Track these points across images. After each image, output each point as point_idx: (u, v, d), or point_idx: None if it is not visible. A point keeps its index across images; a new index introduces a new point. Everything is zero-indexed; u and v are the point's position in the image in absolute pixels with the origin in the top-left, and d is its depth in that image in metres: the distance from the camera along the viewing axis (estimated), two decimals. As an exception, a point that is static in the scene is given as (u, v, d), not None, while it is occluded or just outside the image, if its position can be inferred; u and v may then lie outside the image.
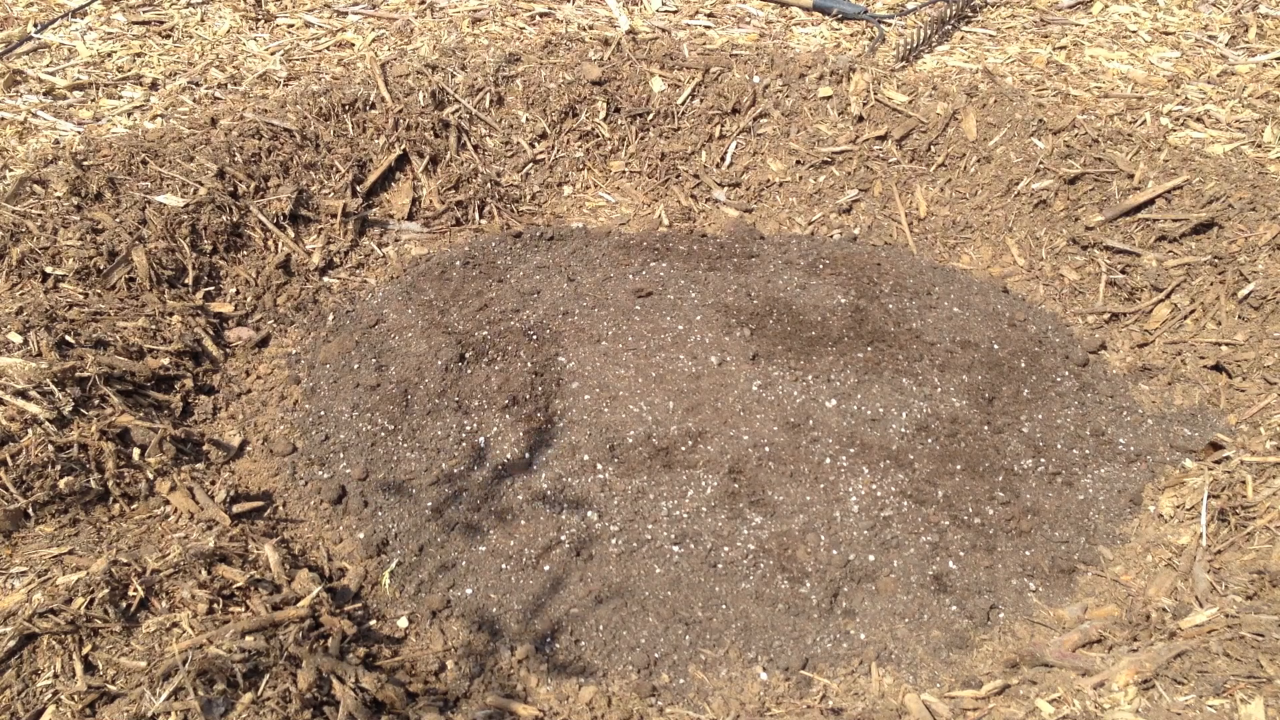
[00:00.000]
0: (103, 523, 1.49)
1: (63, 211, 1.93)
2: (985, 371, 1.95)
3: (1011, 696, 1.41)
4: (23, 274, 1.80)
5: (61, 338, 1.69)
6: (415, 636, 1.53)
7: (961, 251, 2.28)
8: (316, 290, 2.11)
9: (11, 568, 1.36)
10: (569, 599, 1.58)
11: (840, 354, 1.96)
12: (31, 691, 1.20)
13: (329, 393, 1.87)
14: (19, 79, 2.40)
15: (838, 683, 1.50)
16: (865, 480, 1.73)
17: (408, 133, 2.31)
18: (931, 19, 2.70)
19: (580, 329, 2.00)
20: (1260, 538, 1.51)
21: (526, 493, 1.72)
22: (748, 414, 1.83)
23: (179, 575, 1.38)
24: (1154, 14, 2.83)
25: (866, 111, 2.40)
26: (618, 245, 2.26)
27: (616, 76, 2.46)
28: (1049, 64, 2.58)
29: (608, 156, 2.47)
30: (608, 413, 1.83)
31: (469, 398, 1.85)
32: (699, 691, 1.49)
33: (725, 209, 2.42)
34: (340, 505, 1.70)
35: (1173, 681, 1.29)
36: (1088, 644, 1.46)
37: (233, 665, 1.23)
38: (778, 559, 1.63)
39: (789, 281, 2.15)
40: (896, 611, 1.57)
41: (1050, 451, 1.82)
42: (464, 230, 2.31)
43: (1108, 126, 2.27)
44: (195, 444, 1.73)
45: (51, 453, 1.51)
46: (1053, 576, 1.63)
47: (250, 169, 2.14)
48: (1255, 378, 1.85)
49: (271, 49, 2.57)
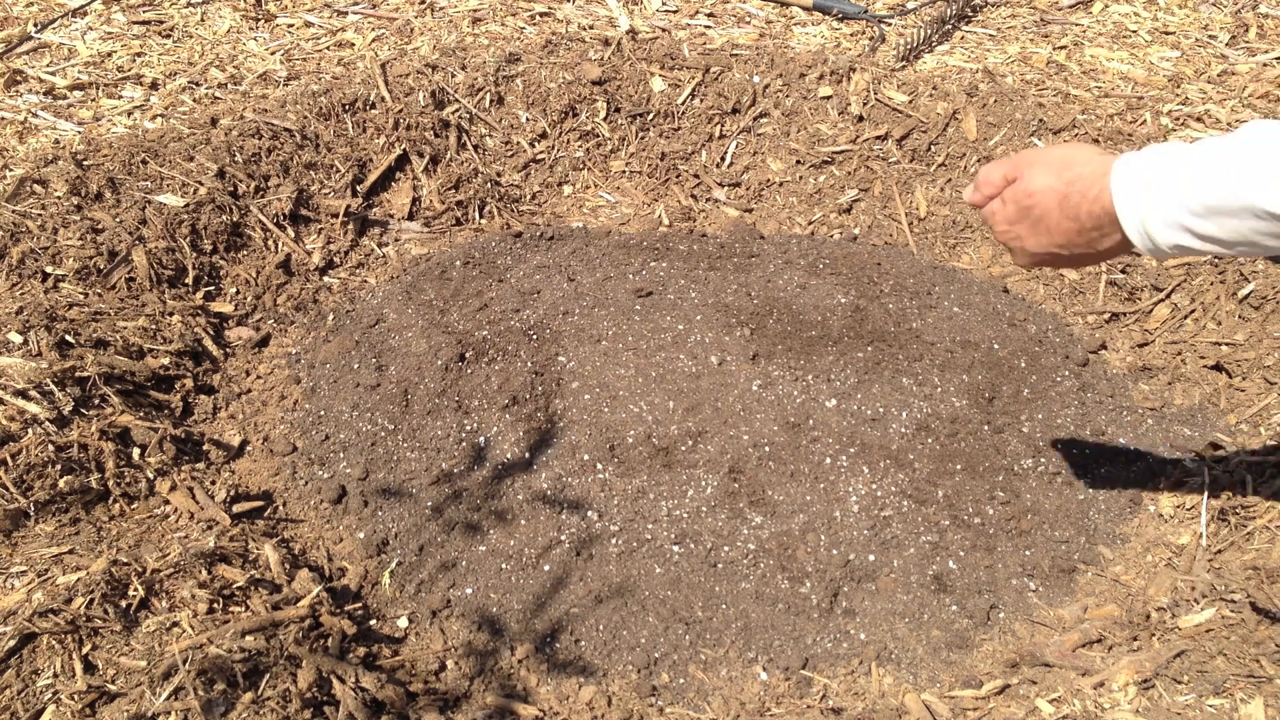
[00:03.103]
0: (103, 522, 1.49)
1: (63, 211, 1.93)
2: (985, 371, 1.95)
3: (1011, 696, 1.42)
4: (23, 274, 1.80)
5: (61, 338, 1.69)
6: (415, 636, 1.53)
7: (962, 251, 2.28)
8: (316, 290, 2.11)
9: (11, 567, 1.36)
10: (569, 599, 1.58)
11: (840, 353, 1.96)
12: (31, 691, 1.20)
13: (329, 392, 1.87)
14: (19, 79, 2.40)
15: (838, 682, 1.50)
16: (865, 480, 1.73)
17: (408, 133, 2.31)
18: (931, 19, 2.70)
19: (580, 329, 2.00)
20: (1260, 537, 1.52)
21: (526, 492, 1.72)
22: (748, 413, 1.84)
23: (179, 575, 1.38)
24: (1154, 14, 2.83)
25: (866, 111, 2.40)
26: (618, 245, 2.26)
27: (616, 76, 2.46)
28: (1049, 64, 2.58)
29: (608, 156, 2.47)
30: (608, 412, 1.83)
31: (469, 397, 1.85)
32: (699, 691, 1.49)
33: (725, 209, 2.42)
34: (340, 505, 1.70)
35: (1173, 681, 1.29)
36: (1088, 644, 1.46)
37: (233, 665, 1.23)
38: (778, 559, 1.63)
39: (789, 281, 2.15)
40: (897, 611, 1.57)
41: (1050, 451, 1.82)
42: (464, 230, 2.31)
43: (1108, 126, 2.27)
44: (195, 444, 1.73)
45: (51, 452, 1.51)
46: (1053, 576, 1.63)
47: (250, 169, 2.14)
48: (1255, 378, 1.85)
49: (271, 49, 2.57)
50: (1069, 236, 1.00)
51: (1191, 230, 0.89)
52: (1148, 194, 0.91)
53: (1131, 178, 0.93)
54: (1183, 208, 0.88)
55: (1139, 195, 0.92)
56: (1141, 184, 0.92)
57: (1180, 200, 0.88)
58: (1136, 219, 0.92)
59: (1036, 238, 1.03)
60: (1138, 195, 0.92)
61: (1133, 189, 0.92)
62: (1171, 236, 0.90)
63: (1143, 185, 0.92)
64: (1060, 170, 0.99)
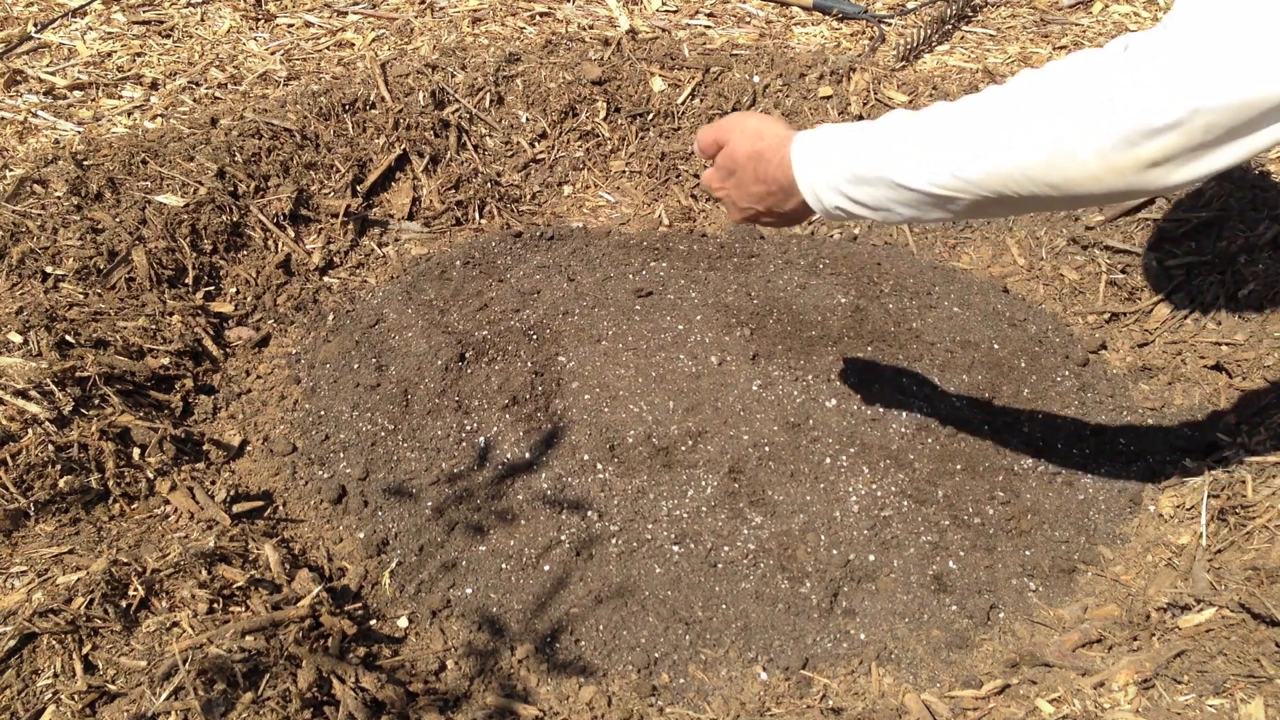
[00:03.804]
0: (103, 522, 1.49)
1: (63, 211, 1.93)
2: (986, 371, 1.95)
3: (1011, 696, 1.42)
4: (23, 274, 1.80)
5: (61, 338, 1.69)
6: (415, 636, 1.53)
7: (961, 251, 2.28)
8: (316, 290, 2.11)
9: (11, 567, 1.36)
10: (569, 598, 1.58)
11: (840, 353, 1.96)
12: (31, 691, 1.20)
13: (329, 392, 1.87)
14: (19, 79, 2.40)
15: (838, 682, 1.50)
16: (865, 480, 1.73)
17: (408, 132, 2.31)
18: (931, 19, 2.70)
19: (580, 329, 2.00)
20: (1260, 537, 1.51)
21: (526, 492, 1.72)
22: (748, 413, 1.83)
23: (179, 575, 1.38)
24: (1154, 14, 2.83)
25: (866, 111, 2.40)
26: (618, 245, 2.26)
27: (616, 76, 2.46)
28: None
29: (608, 156, 2.47)
30: (608, 412, 1.83)
31: (469, 397, 1.85)
32: (699, 691, 1.49)
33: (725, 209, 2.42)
34: (340, 505, 1.70)
35: (1172, 681, 1.29)
36: (1088, 644, 1.46)
37: (233, 665, 1.23)
38: (778, 559, 1.63)
39: (789, 281, 2.15)
40: (896, 611, 1.57)
41: (1050, 451, 1.82)
42: (464, 230, 2.31)
43: (1108, 126, 2.27)
44: (195, 444, 1.73)
45: (51, 452, 1.51)
46: (1053, 576, 1.63)
47: (250, 169, 2.14)
48: (1255, 378, 1.85)
49: (271, 49, 2.57)
50: (762, 197, 1.17)
51: (848, 195, 1.05)
52: (816, 163, 1.08)
53: (806, 149, 1.09)
54: (840, 176, 1.05)
55: (810, 164, 1.08)
56: (813, 154, 1.08)
57: (838, 170, 1.05)
58: (808, 184, 1.09)
59: (741, 194, 1.21)
60: (809, 164, 1.08)
61: (806, 159, 1.09)
62: (833, 199, 1.07)
63: (814, 155, 1.08)
64: (754, 139, 1.16)
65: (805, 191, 1.09)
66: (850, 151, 1.04)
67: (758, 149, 1.15)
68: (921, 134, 0.98)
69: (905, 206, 1.01)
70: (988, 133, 0.94)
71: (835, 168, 1.05)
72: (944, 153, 0.96)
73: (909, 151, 0.98)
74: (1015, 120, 0.93)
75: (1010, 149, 0.93)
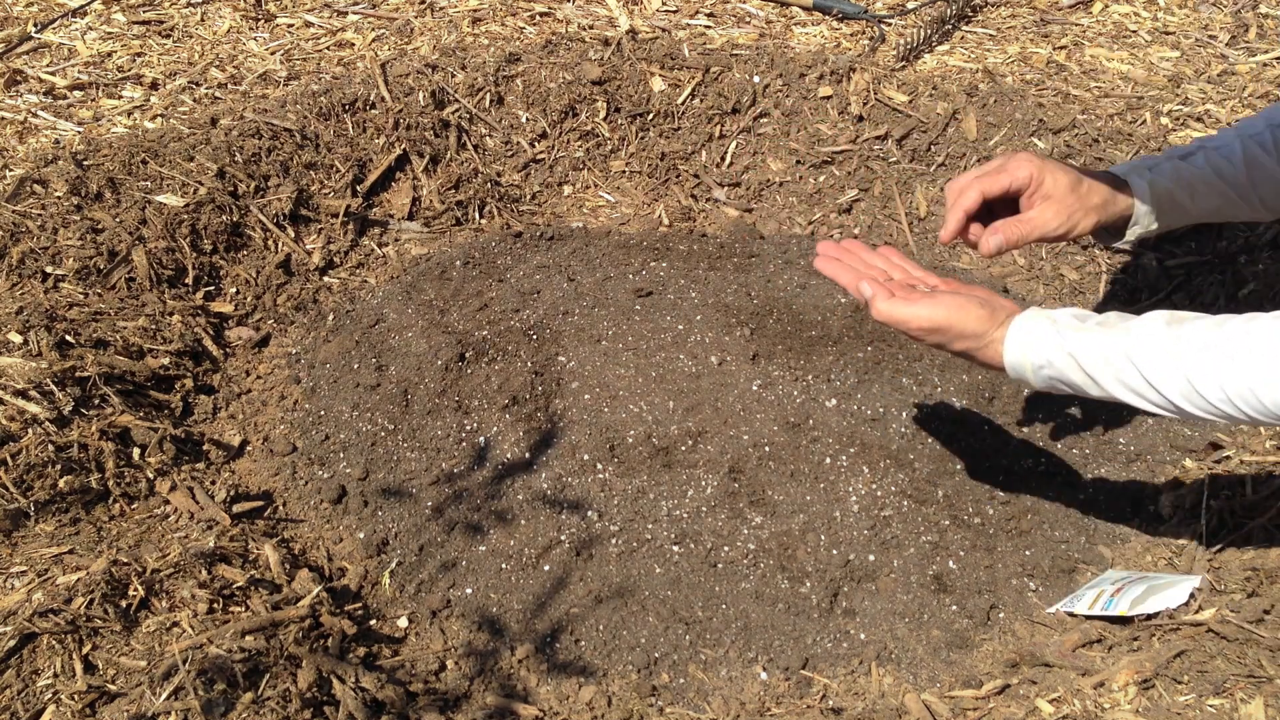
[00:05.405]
0: (103, 522, 1.49)
1: (63, 211, 1.93)
2: (985, 371, 1.95)
3: (1011, 696, 1.41)
4: (23, 274, 1.80)
5: (61, 338, 1.69)
6: (415, 636, 1.53)
7: (961, 251, 2.28)
8: (316, 290, 2.11)
9: (11, 567, 1.36)
10: (569, 599, 1.58)
11: (840, 353, 1.96)
12: (31, 691, 1.20)
13: (329, 392, 1.87)
14: (19, 79, 2.40)
15: (838, 682, 1.50)
16: (865, 480, 1.73)
17: (408, 132, 2.31)
18: (931, 19, 2.70)
19: (580, 329, 2.00)
20: (1259, 537, 1.52)
21: (526, 492, 1.72)
22: (748, 413, 1.83)
23: (179, 575, 1.38)
24: (1154, 14, 2.83)
25: (866, 111, 2.40)
26: (618, 245, 2.26)
27: (616, 76, 2.46)
28: (1049, 64, 2.58)
29: (608, 156, 2.47)
30: (608, 412, 1.83)
31: (469, 397, 1.85)
32: (699, 691, 1.49)
33: (725, 209, 2.43)
34: (340, 505, 1.70)
35: (1172, 681, 1.29)
36: (1088, 644, 1.45)
37: (233, 665, 1.23)
38: (778, 559, 1.63)
39: (789, 281, 2.15)
40: (896, 611, 1.57)
41: (1050, 451, 1.82)
42: (464, 230, 2.31)
43: (1108, 126, 2.27)
44: (195, 444, 1.73)
45: (51, 452, 1.51)
46: (1053, 576, 1.63)
47: (250, 169, 2.14)
48: (1255, 377, 1.85)
49: (271, 49, 2.57)
50: (956, 354, 1.28)
51: (1054, 383, 1.22)
52: (1031, 360, 1.21)
53: (1018, 353, 1.21)
54: (1053, 377, 1.20)
55: (1025, 359, 1.21)
56: (1023, 351, 1.21)
57: (1053, 370, 1.19)
58: (1017, 375, 1.23)
59: (938, 347, 1.30)
60: (1021, 363, 1.22)
61: (1019, 359, 1.21)
62: (1043, 387, 1.23)
63: (1024, 353, 1.21)
64: (966, 341, 1.26)
65: (1013, 376, 1.24)
66: (1071, 363, 1.16)
67: (968, 349, 1.25)
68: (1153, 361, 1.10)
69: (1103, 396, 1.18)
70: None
71: (1051, 369, 1.19)
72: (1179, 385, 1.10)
73: (1132, 379, 1.12)
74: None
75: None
